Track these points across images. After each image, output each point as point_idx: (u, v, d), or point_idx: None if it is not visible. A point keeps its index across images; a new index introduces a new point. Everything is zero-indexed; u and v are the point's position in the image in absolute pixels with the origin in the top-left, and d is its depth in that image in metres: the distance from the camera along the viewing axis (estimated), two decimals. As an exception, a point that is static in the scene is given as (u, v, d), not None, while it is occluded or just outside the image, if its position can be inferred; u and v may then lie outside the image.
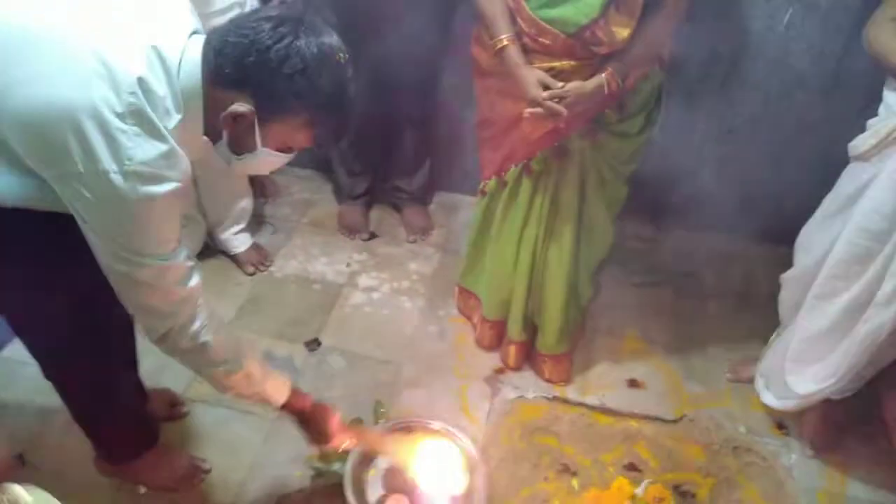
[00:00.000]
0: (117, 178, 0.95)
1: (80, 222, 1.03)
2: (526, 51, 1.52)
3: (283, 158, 1.14)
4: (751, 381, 1.94)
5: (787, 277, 1.79)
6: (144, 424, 1.61)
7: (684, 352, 2.08)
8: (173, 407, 1.79)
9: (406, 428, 1.70)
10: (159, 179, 0.98)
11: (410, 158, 2.44)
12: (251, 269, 2.27)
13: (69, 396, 1.45)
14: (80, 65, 0.93)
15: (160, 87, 0.98)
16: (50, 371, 1.40)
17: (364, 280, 2.29)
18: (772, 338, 1.89)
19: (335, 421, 1.49)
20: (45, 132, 0.93)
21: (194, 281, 1.15)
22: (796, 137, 1.88)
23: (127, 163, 0.95)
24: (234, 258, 2.28)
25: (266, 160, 1.11)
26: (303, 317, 2.13)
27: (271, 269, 2.30)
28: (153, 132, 0.97)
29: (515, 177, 1.72)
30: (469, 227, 1.99)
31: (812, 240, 1.66)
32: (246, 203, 2.24)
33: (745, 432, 1.86)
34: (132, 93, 0.94)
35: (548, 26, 1.46)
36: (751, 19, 2.04)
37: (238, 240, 2.27)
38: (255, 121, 1.03)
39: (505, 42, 1.51)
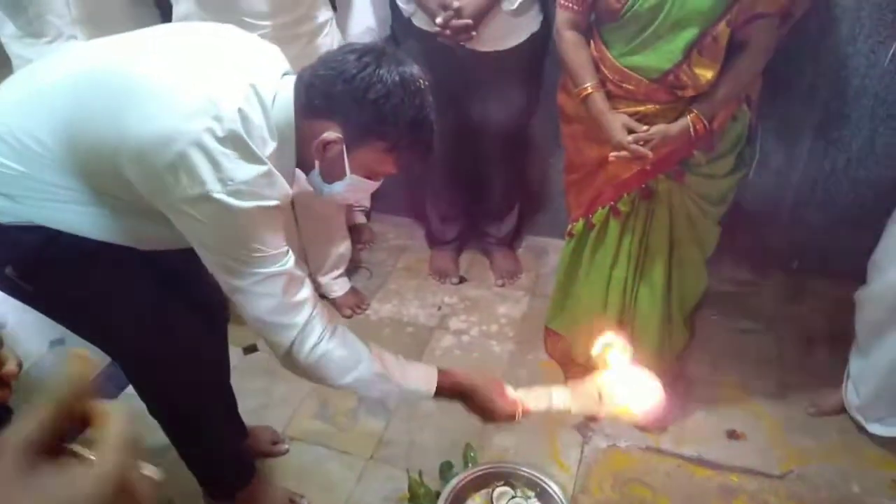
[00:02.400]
0: (221, 196, 1.02)
1: (195, 246, 1.11)
2: (610, 96, 1.55)
3: (371, 185, 1.20)
4: (837, 412, 1.86)
5: (864, 297, 1.72)
6: (241, 462, 1.69)
7: (789, 402, 1.97)
8: (274, 444, 1.86)
9: (496, 474, 1.70)
10: (260, 196, 1.05)
11: (499, 204, 2.49)
12: (349, 312, 2.37)
13: (170, 434, 1.55)
14: (186, 101, 1.02)
15: (257, 118, 1.07)
16: (152, 411, 1.51)
17: (454, 323, 2.33)
18: (849, 366, 1.82)
19: (501, 391, 1.34)
20: (156, 164, 1.01)
21: (307, 290, 1.17)
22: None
23: (230, 183, 1.02)
24: (333, 302, 2.38)
25: (355, 187, 1.18)
26: (395, 359, 2.18)
27: (367, 312, 2.39)
28: (251, 156, 1.04)
29: (603, 219, 1.73)
30: (557, 269, 2.00)
31: (894, 255, 1.59)
32: (344, 249, 2.36)
33: (860, 491, 1.72)
34: (233, 120, 1.02)
35: (631, 73, 1.48)
36: (850, 56, 1.97)
37: (337, 284, 2.37)
38: (344, 148, 1.11)
39: (590, 90, 1.54)
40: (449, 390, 1.31)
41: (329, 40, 1.88)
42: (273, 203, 1.08)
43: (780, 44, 1.51)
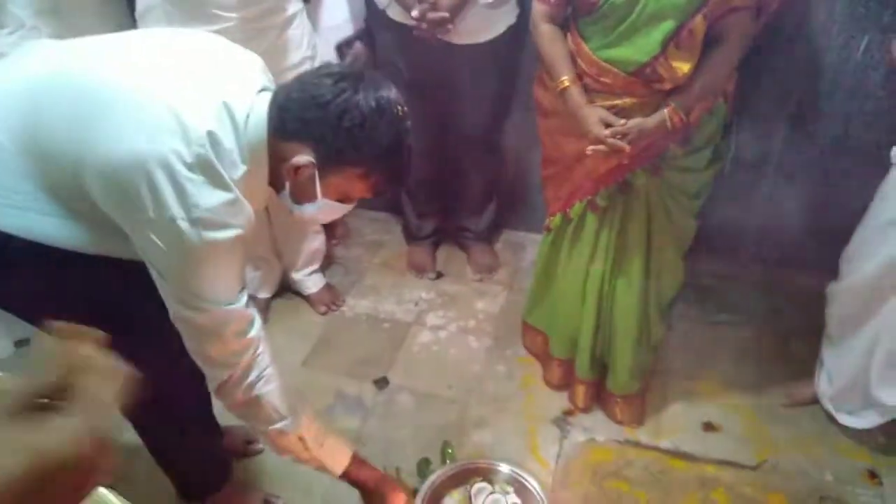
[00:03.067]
0: (184, 224, 1.00)
1: (150, 269, 1.09)
2: (587, 90, 1.54)
3: (343, 208, 1.19)
4: (810, 401, 1.89)
5: (836, 290, 1.74)
6: (218, 461, 1.66)
7: (765, 393, 1.99)
8: (248, 444, 1.83)
9: (474, 470, 1.69)
10: (223, 226, 1.04)
11: (476, 199, 2.48)
12: (323, 309, 2.33)
13: (144, 434, 1.52)
14: (154, 120, 1.00)
15: (228, 141, 1.04)
16: (124, 411, 1.47)
17: (432, 319, 2.31)
18: (822, 356, 1.85)
19: (398, 502, 1.45)
20: (121, 183, 0.99)
21: (254, 331, 1.18)
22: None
23: (193, 210, 1.00)
24: (308, 298, 2.35)
25: (326, 209, 1.17)
26: (372, 355, 2.17)
27: (343, 308, 2.36)
28: (219, 182, 1.03)
29: (580, 213, 1.72)
30: (535, 263, 1.99)
31: (867, 250, 1.61)
32: (319, 245, 2.32)
33: (834, 481, 1.75)
34: (201, 145, 1.00)
35: (608, 66, 1.47)
36: (823, 50, 1.99)
37: (311, 280, 2.34)
38: (316, 172, 1.09)
39: (566, 83, 1.53)
40: (351, 480, 1.44)
41: (299, 33, 1.84)
42: (236, 232, 1.06)
43: (754, 37, 1.51)
